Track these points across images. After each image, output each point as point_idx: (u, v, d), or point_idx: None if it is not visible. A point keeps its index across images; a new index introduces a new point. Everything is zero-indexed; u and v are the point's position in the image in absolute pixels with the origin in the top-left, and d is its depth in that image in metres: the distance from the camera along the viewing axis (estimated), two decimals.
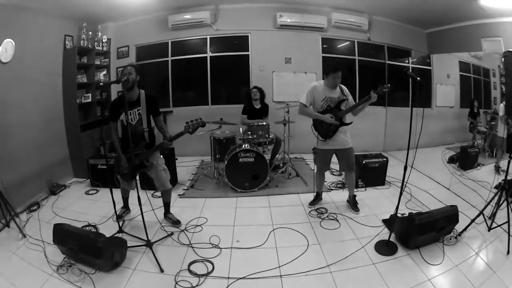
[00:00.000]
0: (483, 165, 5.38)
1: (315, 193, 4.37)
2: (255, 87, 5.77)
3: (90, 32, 6.03)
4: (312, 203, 4.29)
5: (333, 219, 3.87)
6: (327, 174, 4.86)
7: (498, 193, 3.43)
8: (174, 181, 5.04)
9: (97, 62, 6.33)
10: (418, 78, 2.87)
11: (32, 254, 3.12)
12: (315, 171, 4.31)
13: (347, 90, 3.92)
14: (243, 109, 5.65)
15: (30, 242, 3.34)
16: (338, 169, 4.39)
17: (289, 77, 6.91)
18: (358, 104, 3.67)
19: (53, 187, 4.86)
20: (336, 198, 4.54)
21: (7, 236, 3.50)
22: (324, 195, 4.47)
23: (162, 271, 2.84)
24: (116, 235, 3.39)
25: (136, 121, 3.44)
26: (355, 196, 4.23)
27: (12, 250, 3.19)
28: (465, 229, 3.35)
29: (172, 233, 3.52)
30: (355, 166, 4.08)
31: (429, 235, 3.11)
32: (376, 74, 7.29)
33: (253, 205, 4.37)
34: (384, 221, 3.75)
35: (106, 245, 2.74)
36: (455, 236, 3.29)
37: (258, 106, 5.70)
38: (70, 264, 2.88)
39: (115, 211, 3.51)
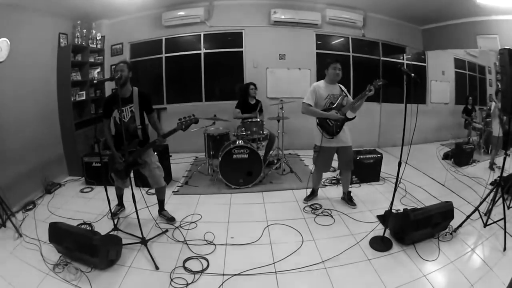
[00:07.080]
0: (478, 161, 5.42)
1: (310, 189, 4.39)
2: (252, 83, 5.77)
3: (85, 30, 5.99)
4: (307, 198, 4.31)
5: (327, 215, 3.89)
6: None
7: (494, 190, 3.43)
8: (168, 178, 5.03)
9: (91, 60, 6.29)
10: (412, 75, 2.88)
11: (28, 253, 3.11)
12: (313, 169, 4.28)
13: (345, 88, 3.97)
14: (237, 104, 5.68)
15: (26, 241, 3.33)
16: (337, 167, 4.39)
17: (283, 74, 6.92)
18: (359, 98, 3.68)
19: (49, 185, 4.83)
20: (330, 194, 4.56)
21: (3, 235, 3.48)
22: (318, 191, 4.48)
23: (157, 268, 2.84)
24: (111, 233, 3.38)
25: (128, 118, 3.41)
26: (350, 192, 4.26)
27: (9, 250, 3.18)
28: (460, 225, 3.37)
29: (166, 230, 3.52)
30: (353, 165, 4.12)
31: (424, 231, 3.13)
32: (371, 71, 7.29)
33: (247, 202, 4.38)
34: (378, 217, 3.77)
35: (101, 243, 2.74)
36: (450, 232, 3.32)
37: (252, 102, 5.74)
38: (66, 263, 2.87)
39: (110, 209, 3.51)
